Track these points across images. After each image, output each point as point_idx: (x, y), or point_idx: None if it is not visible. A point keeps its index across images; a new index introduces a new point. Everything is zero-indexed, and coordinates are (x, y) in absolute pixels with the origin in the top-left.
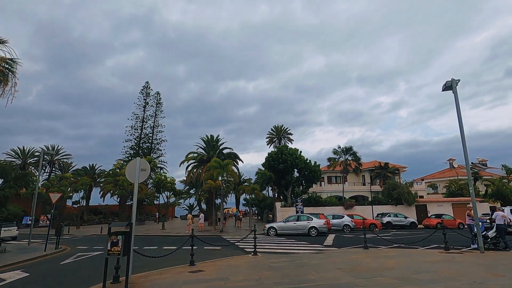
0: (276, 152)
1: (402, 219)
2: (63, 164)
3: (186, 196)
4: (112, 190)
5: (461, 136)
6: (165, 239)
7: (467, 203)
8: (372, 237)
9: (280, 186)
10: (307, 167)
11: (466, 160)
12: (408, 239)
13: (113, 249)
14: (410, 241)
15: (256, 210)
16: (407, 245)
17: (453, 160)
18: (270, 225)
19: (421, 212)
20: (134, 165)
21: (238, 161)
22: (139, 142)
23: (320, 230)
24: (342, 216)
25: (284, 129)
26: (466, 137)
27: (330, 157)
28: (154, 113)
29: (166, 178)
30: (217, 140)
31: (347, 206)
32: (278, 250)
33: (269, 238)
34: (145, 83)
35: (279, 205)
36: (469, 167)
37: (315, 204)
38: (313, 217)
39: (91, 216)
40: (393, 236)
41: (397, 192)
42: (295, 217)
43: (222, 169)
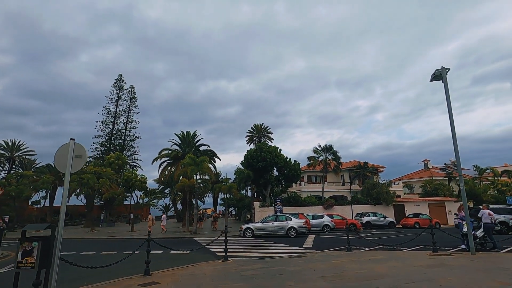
0: (255, 149)
1: (381, 219)
2: (25, 161)
3: (161, 196)
4: (76, 190)
5: (452, 132)
6: (130, 243)
7: (443, 203)
8: (353, 238)
9: (258, 185)
10: (287, 165)
11: (457, 158)
12: (390, 240)
13: (24, 261)
14: (393, 242)
15: (234, 210)
16: (391, 247)
17: (428, 161)
18: (247, 226)
19: (399, 211)
20: (66, 150)
21: (215, 158)
22: (110, 138)
23: (299, 230)
24: (322, 216)
25: (264, 127)
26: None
27: (310, 155)
28: (128, 108)
29: (136, 176)
30: (193, 137)
31: (326, 206)
32: (254, 253)
33: (245, 240)
34: (118, 75)
35: (258, 205)
36: (460, 165)
37: (295, 204)
38: (292, 217)
39: (56, 217)
40: (374, 236)
41: (376, 191)
42: (273, 217)
43: (197, 167)
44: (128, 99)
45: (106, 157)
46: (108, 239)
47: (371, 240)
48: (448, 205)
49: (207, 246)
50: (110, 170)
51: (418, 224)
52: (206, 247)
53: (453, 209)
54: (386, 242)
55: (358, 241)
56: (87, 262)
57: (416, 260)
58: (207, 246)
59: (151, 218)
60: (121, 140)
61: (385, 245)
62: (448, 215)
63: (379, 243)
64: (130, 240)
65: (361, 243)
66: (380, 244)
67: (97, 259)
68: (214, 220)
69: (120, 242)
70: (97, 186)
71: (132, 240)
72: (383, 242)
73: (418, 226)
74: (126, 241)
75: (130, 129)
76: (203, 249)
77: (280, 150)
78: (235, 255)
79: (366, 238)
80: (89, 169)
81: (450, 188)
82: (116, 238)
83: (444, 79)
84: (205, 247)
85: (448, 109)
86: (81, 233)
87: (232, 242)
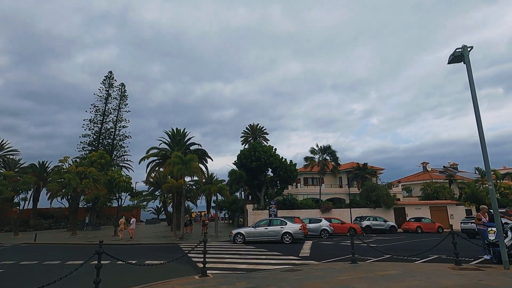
0: (249, 149)
1: (382, 223)
2: (8, 160)
3: (150, 198)
4: (55, 189)
5: (479, 131)
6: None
7: (445, 206)
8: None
9: (252, 186)
10: (282, 166)
11: (485, 157)
12: (396, 247)
13: None
14: (401, 250)
15: (227, 213)
16: (402, 257)
17: (427, 163)
18: (237, 231)
19: (399, 215)
20: None
21: (207, 159)
22: (99, 138)
23: (295, 236)
24: (320, 220)
25: (260, 128)
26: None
27: (307, 156)
28: (118, 106)
29: (120, 176)
30: (183, 135)
31: (324, 209)
32: (241, 265)
33: (234, 247)
34: (108, 72)
35: (251, 207)
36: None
37: (291, 206)
38: (287, 221)
39: (40, 220)
40: (377, 242)
41: (375, 194)
42: (266, 221)
43: (184, 166)
44: (118, 97)
45: (87, 155)
46: (85, 244)
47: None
48: (450, 208)
49: (189, 254)
50: (95, 170)
51: (420, 229)
52: (188, 255)
53: (455, 212)
54: (394, 250)
55: (361, 249)
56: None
57: (441, 278)
58: (189, 254)
59: (123, 221)
60: (110, 139)
61: (393, 254)
62: (450, 219)
63: (385, 251)
64: (109, 246)
65: (365, 252)
66: (388, 253)
67: (49, 271)
68: (203, 225)
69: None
70: (80, 187)
71: (111, 246)
72: (390, 251)
73: (420, 231)
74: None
75: (119, 128)
76: (184, 257)
77: (275, 150)
78: (218, 267)
79: (370, 245)
80: (71, 169)
81: (451, 191)
82: (93, 243)
83: (467, 59)
84: (187, 255)
85: (472, 96)
86: (59, 238)
87: (219, 250)
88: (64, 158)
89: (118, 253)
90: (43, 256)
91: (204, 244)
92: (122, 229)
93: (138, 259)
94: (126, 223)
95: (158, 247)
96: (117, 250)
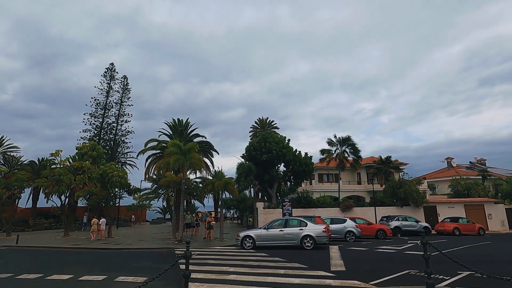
0: (259, 140)
1: (413, 224)
2: (9, 158)
3: (153, 196)
4: (47, 186)
5: None
6: (87, 256)
7: (481, 204)
8: (394, 250)
9: (263, 182)
10: (296, 159)
11: None
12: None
13: None
14: (479, 262)
15: (235, 213)
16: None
17: (452, 159)
18: (246, 234)
19: (430, 214)
20: None
21: (212, 152)
22: (100, 133)
23: (317, 240)
24: (344, 220)
25: (269, 122)
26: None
27: (324, 148)
28: (120, 99)
29: (114, 171)
30: (186, 125)
31: (344, 208)
32: (248, 286)
33: (242, 254)
34: (109, 64)
35: (261, 206)
36: None
37: (306, 205)
38: (307, 221)
39: (41, 220)
40: (416, 247)
41: (403, 190)
42: (281, 221)
43: (184, 156)
44: (120, 90)
45: (77, 147)
46: (68, 249)
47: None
48: (487, 207)
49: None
50: (89, 164)
51: (458, 230)
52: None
53: (493, 211)
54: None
55: (413, 259)
56: None
57: None
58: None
59: (96, 221)
60: (112, 135)
61: (473, 271)
62: (488, 218)
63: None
64: (91, 251)
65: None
66: (464, 265)
67: None
68: (208, 227)
69: (76, 254)
70: (75, 184)
71: (93, 251)
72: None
73: (458, 233)
74: (85, 253)
75: (122, 122)
76: (173, 270)
77: (288, 141)
78: None
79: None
80: (62, 163)
81: (485, 187)
82: (77, 247)
83: None
84: (179, 266)
85: None
86: (48, 240)
87: (222, 258)
88: (56, 151)
89: (95, 261)
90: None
91: (186, 260)
92: (95, 229)
93: (113, 271)
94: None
95: (149, 253)
96: (98, 256)
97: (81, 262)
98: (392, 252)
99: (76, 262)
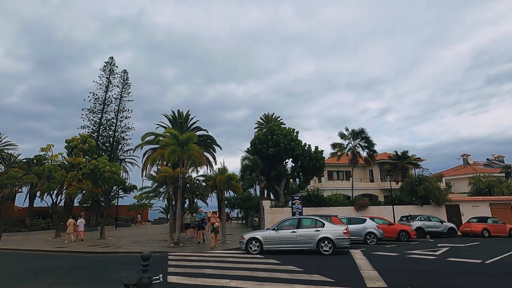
0: (265, 132)
1: (437, 224)
2: (6, 155)
3: (153, 195)
4: (35, 184)
5: None
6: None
7: (509, 203)
8: (432, 257)
9: (269, 178)
10: (305, 153)
11: None
12: None
13: None
14: None
15: (240, 212)
16: None
17: (468, 155)
18: (251, 235)
19: (452, 214)
20: None
21: (215, 147)
22: (98, 129)
23: (337, 243)
24: (363, 220)
25: (275, 117)
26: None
27: (335, 142)
28: (120, 95)
29: (105, 166)
30: (186, 118)
31: (359, 207)
32: None
33: (247, 261)
34: (109, 58)
35: (268, 204)
36: None
37: (317, 203)
38: (324, 221)
39: (38, 220)
40: (459, 252)
41: (423, 188)
42: (293, 221)
43: (181, 148)
44: (120, 85)
45: (66, 139)
46: (50, 252)
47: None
48: None
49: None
50: (83, 160)
51: (487, 232)
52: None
53: None
54: None
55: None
56: None
57: None
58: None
59: (72, 222)
60: (112, 131)
61: None
62: None
63: None
64: (75, 255)
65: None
66: None
67: None
68: (213, 230)
69: (55, 259)
70: (67, 181)
71: (76, 255)
72: None
73: (487, 234)
74: (66, 257)
75: (121, 118)
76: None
77: (297, 134)
78: None
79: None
80: (53, 158)
81: (510, 185)
82: (61, 251)
83: None
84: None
85: None
86: (37, 242)
87: (222, 267)
88: (47, 146)
89: (72, 268)
90: None
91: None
92: (71, 230)
93: (84, 284)
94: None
95: (137, 258)
96: (78, 262)
97: (55, 269)
98: (431, 260)
99: (49, 270)
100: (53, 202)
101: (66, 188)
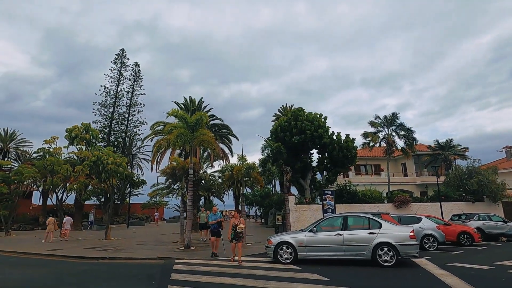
0: (288, 119)
1: (500, 225)
2: (21, 153)
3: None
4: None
5: None
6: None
7: None
8: None
9: (294, 171)
10: (334, 142)
11: None
12: None
13: None
14: None
15: (258, 210)
16: None
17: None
18: (281, 239)
19: (509, 212)
20: None
21: (230, 138)
22: (110, 124)
23: (402, 251)
24: (418, 219)
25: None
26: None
27: (366, 131)
28: (132, 88)
29: (109, 157)
30: (199, 105)
31: (399, 203)
32: None
33: (278, 275)
34: (120, 50)
35: (292, 200)
36: None
37: (350, 199)
38: (381, 220)
39: None
40: None
41: (476, 181)
42: (337, 220)
43: (191, 132)
44: (132, 78)
45: (67, 129)
46: (42, 256)
47: None
48: None
49: None
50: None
51: None
52: None
53: None
54: None
55: None
56: None
57: None
58: None
59: (52, 221)
60: (124, 126)
61: None
62: None
63: None
64: (64, 260)
65: None
66: None
67: None
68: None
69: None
70: (73, 176)
71: (67, 261)
72: None
73: None
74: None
75: (133, 113)
76: None
77: (325, 119)
78: None
79: None
80: (56, 151)
81: None
82: (53, 254)
83: None
84: None
85: None
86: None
87: (244, 284)
88: (51, 138)
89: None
90: None
91: None
92: (51, 230)
93: None
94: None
95: (134, 267)
96: (61, 272)
97: (29, 282)
98: None
99: (24, 282)
100: (58, 199)
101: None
